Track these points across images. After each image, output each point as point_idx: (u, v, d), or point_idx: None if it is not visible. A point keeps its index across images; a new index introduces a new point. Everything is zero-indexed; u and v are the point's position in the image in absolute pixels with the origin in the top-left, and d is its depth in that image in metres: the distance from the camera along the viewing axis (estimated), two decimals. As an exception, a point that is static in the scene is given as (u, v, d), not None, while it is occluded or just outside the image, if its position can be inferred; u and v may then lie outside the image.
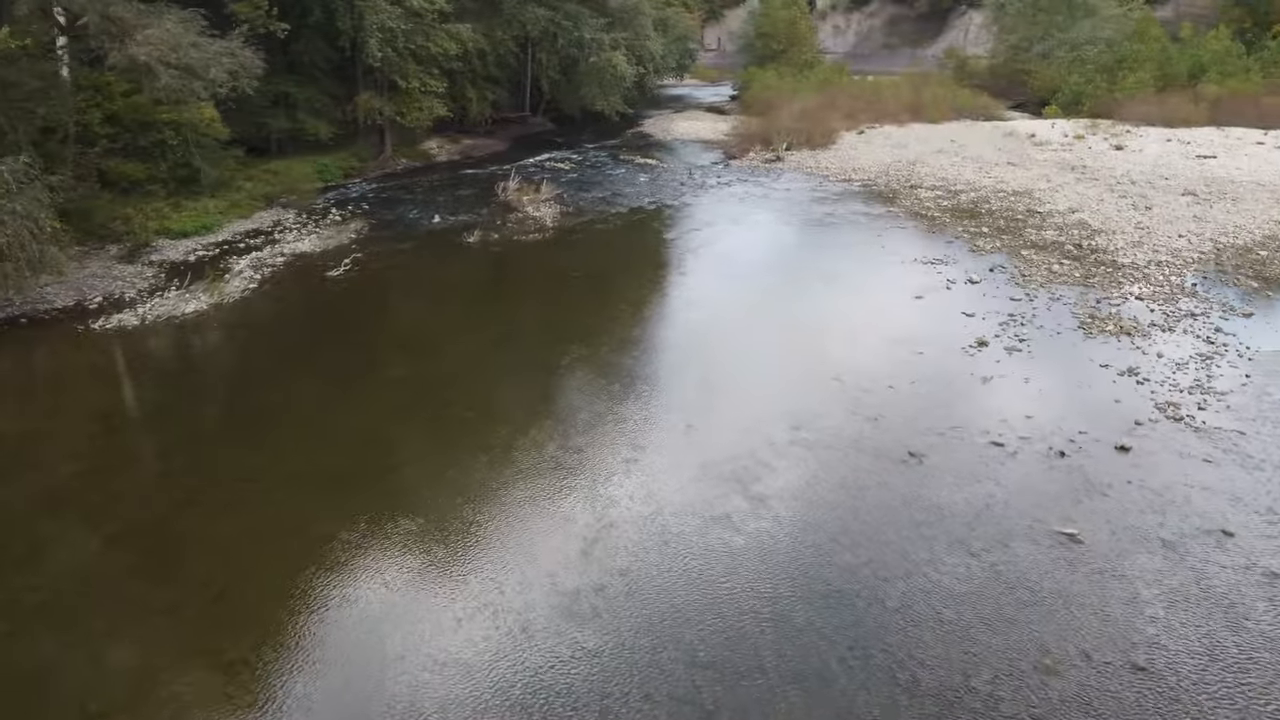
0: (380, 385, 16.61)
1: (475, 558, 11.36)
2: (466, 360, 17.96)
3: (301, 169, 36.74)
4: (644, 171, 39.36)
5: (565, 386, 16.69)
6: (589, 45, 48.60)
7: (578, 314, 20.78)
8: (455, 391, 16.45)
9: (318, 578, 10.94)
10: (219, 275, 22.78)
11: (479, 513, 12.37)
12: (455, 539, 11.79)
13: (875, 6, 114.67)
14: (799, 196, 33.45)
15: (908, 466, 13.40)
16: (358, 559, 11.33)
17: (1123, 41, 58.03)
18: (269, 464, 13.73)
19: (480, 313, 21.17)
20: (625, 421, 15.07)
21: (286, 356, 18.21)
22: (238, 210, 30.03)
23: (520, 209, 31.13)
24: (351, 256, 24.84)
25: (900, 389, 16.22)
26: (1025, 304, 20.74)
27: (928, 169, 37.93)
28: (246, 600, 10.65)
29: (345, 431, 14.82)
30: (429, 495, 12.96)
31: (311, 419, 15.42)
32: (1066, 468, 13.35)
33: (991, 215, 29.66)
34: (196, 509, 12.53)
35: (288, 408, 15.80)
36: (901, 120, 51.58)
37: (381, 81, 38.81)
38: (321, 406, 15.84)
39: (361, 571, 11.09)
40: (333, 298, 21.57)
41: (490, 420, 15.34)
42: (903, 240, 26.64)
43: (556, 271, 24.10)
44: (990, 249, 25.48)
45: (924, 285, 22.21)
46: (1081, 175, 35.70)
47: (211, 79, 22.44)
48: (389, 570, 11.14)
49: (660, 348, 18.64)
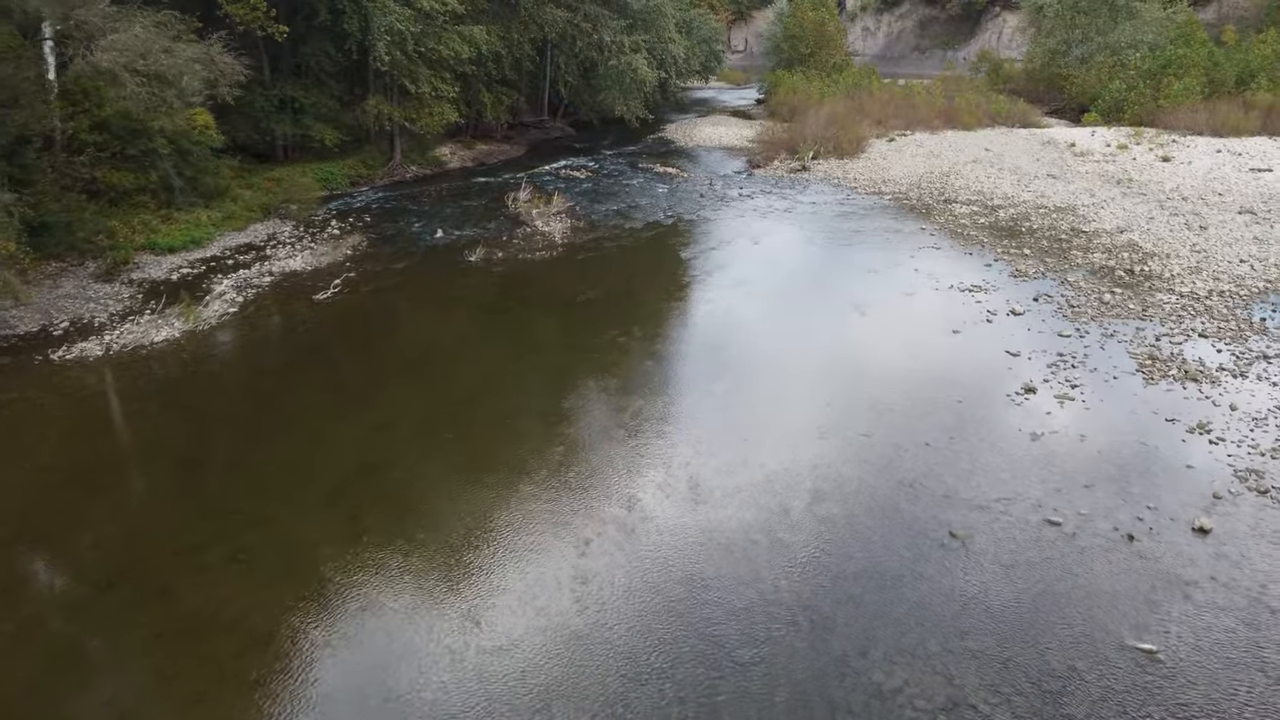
0: (354, 435, 14.90)
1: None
2: (453, 405, 16.22)
3: (306, 177, 35.29)
4: (663, 181, 37.52)
5: (558, 439, 14.88)
6: (609, 48, 46.84)
7: (581, 348, 18.99)
8: (435, 444, 14.71)
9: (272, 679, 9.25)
10: (198, 298, 21.23)
11: (454, 592, 10.64)
12: (427, 617, 10.06)
13: (906, 8, 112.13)
14: (825, 211, 31.47)
15: (948, 551, 11.47)
16: (313, 661, 9.62)
17: (1166, 46, 55.43)
18: (214, 537, 12.02)
19: (474, 345, 19.38)
20: (619, 480, 13.27)
21: (253, 398, 16.54)
22: (232, 222, 28.53)
23: (529, 223, 29.42)
24: (343, 276, 23.22)
25: (938, 446, 14.28)
26: (1075, 341, 18.69)
27: (963, 181, 35.82)
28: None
29: (310, 495, 13.13)
30: (401, 575, 11.23)
31: (271, 479, 13.71)
32: (1136, 556, 11.37)
33: (1033, 234, 27.55)
34: (119, 598, 10.85)
35: (245, 463, 14.11)
36: (934, 127, 49.46)
37: (391, 86, 37.22)
38: (286, 463, 14.14)
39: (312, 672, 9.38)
40: (315, 326, 19.91)
41: (474, 479, 13.59)
42: (938, 262, 24.61)
43: (562, 297, 22.25)
44: (1034, 274, 23.40)
45: (962, 317, 20.21)
46: (1128, 190, 33.45)
47: (184, 88, 20.74)
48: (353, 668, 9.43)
49: (667, 390, 16.77)
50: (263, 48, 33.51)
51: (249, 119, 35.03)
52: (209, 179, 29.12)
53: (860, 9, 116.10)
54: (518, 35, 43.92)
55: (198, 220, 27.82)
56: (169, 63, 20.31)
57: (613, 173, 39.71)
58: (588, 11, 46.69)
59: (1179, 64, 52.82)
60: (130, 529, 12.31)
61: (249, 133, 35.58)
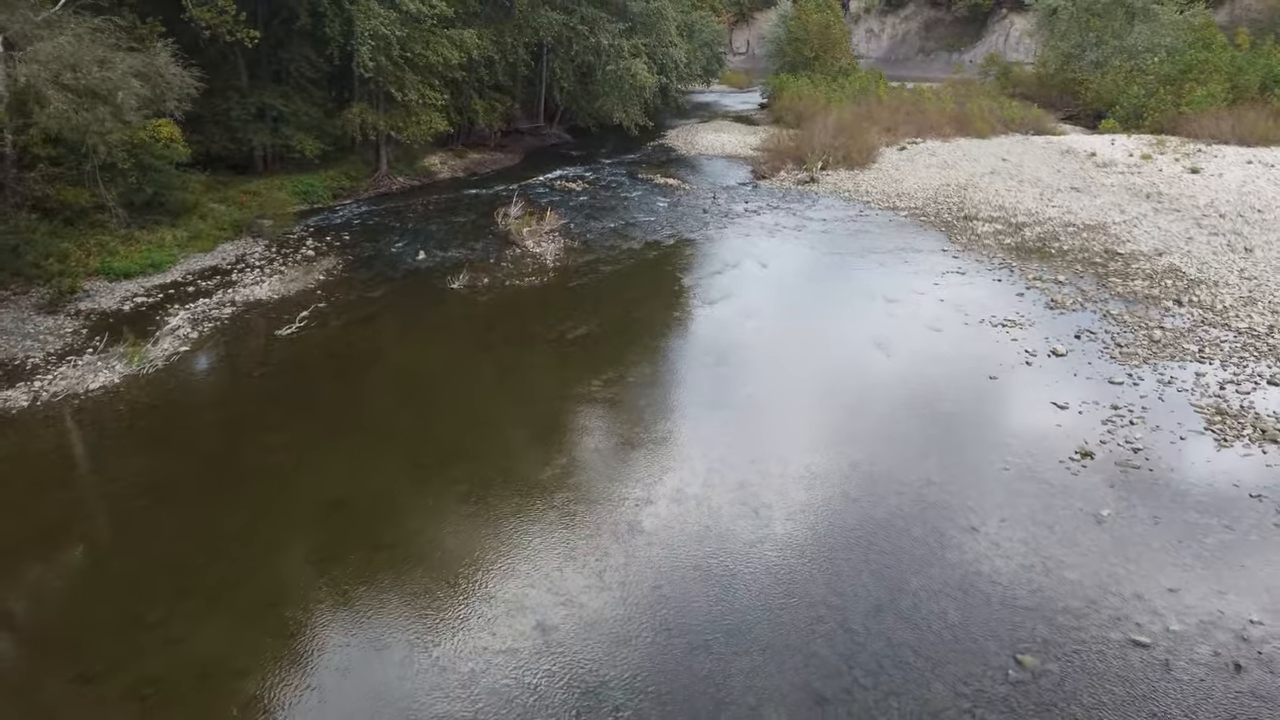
0: (303, 518, 12.76)
1: None
2: (420, 475, 14.03)
3: (284, 190, 33.20)
4: (663, 194, 35.38)
5: (543, 522, 12.76)
6: (607, 52, 44.71)
7: (572, 397, 16.78)
8: (395, 533, 12.48)
9: None
10: (148, 333, 19.10)
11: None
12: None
13: (911, 10, 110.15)
14: (838, 229, 29.34)
15: (1016, 688, 9.34)
16: None
17: (1186, 50, 53.36)
18: (110, 664, 9.89)
19: (449, 395, 16.94)
20: (592, 600, 11.15)
21: (188, 463, 14.26)
22: (199, 243, 26.41)
23: (520, 242, 27.29)
24: (312, 307, 21.07)
25: (988, 532, 12.15)
26: (1129, 389, 16.56)
27: (982, 195, 33.71)
28: None
29: (240, 602, 10.98)
30: (334, 685, 9.14)
31: (196, 576, 11.55)
32: (1251, 695, 9.24)
33: (1064, 256, 25.43)
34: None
35: (163, 556, 11.94)
36: (946, 134, 47.34)
37: (377, 93, 35.09)
38: (217, 551, 11.94)
39: None
40: (273, 370, 17.71)
41: (441, 582, 11.45)
42: (964, 290, 22.49)
43: (552, 332, 19.96)
44: (1071, 305, 21.28)
45: (998, 358, 18.08)
46: (1159, 205, 31.31)
47: (120, 105, 18.56)
48: None
49: (659, 462, 14.51)
50: (239, 53, 31.42)
51: (224, 128, 32.95)
52: (174, 195, 27.06)
53: (864, 10, 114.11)
54: (511, 39, 41.80)
55: (161, 241, 25.74)
56: (102, 76, 18.05)
57: (610, 184, 37.58)
58: (585, 14, 44.54)
59: (1200, 69, 50.76)
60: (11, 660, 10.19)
61: (224, 143, 33.51)
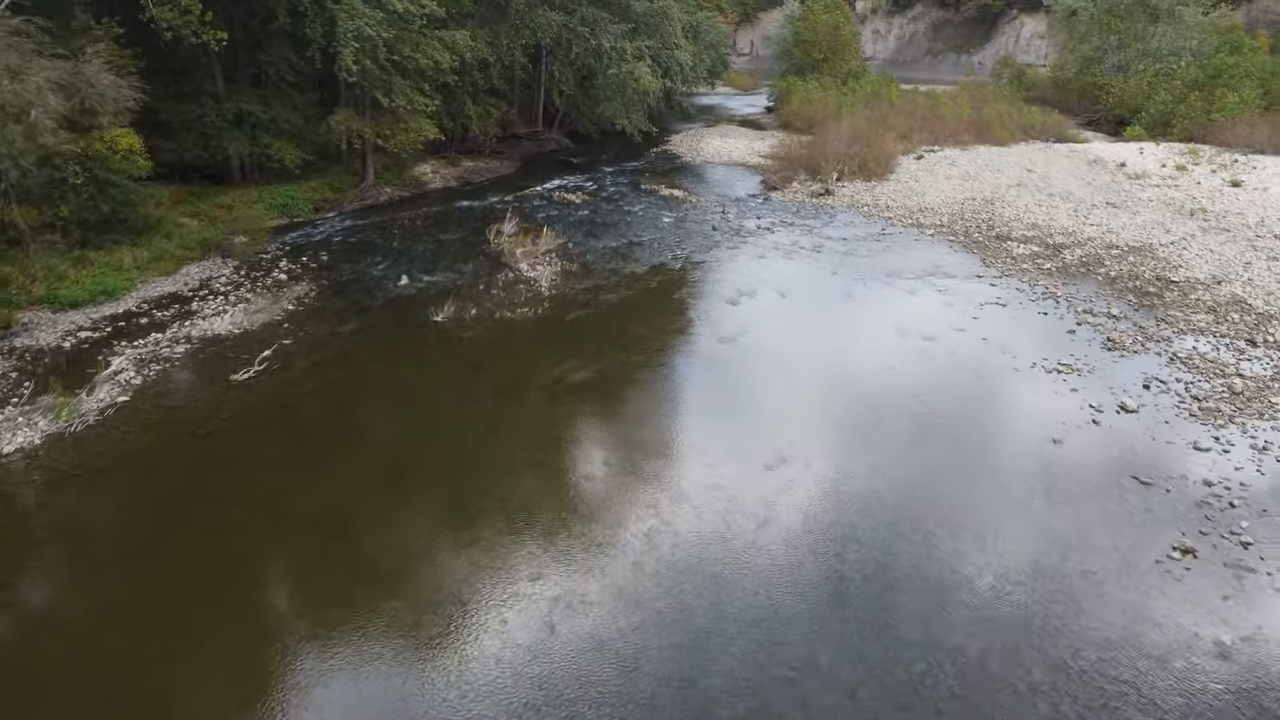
0: (233, 648, 10.35)
1: None
2: (377, 581, 11.60)
3: (262, 203, 30.81)
4: (668, 207, 32.97)
5: (530, 650, 10.37)
6: (609, 55, 42.24)
7: (567, 469, 14.31)
8: (343, 687, 10.13)
9: None
10: (85, 378, 16.71)
11: None
12: None
13: (918, 10, 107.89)
14: (860, 249, 26.93)
15: None
16: None
17: (1213, 54, 51.04)
18: None
19: (422, 464, 14.36)
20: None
21: (104, 554, 11.90)
22: (161, 265, 24.05)
23: (513, 265, 24.89)
24: (276, 345, 18.67)
25: (1082, 670, 9.73)
26: (1220, 459, 14.19)
27: (1011, 210, 31.34)
28: None
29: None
30: None
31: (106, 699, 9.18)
32: None
33: (1111, 284, 23.06)
34: None
35: (56, 690, 9.60)
36: (963, 141, 45.07)
37: (362, 98, 32.66)
38: (127, 673, 9.58)
39: None
40: (221, 428, 15.18)
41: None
42: (1008, 327, 20.11)
43: (545, 378, 17.45)
44: (1131, 345, 18.91)
45: (1059, 415, 15.70)
46: (1205, 223, 28.97)
47: (34, 123, 16.10)
48: None
49: (665, 552, 12.19)
50: (214, 55, 28.99)
51: (198, 136, 30.60)
52: (134, 212, 24.67)
53: (870, 11, 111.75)
54: (508, 41, 39.37)
55: (118, 263, 23.38)
56: (13, 90, 15.59)
57: (612, 195, 35.17)
58: (585, 14, 42.09)
59: (1230, 73, 48.44)
60: None
61: (198, 152, 31.16)
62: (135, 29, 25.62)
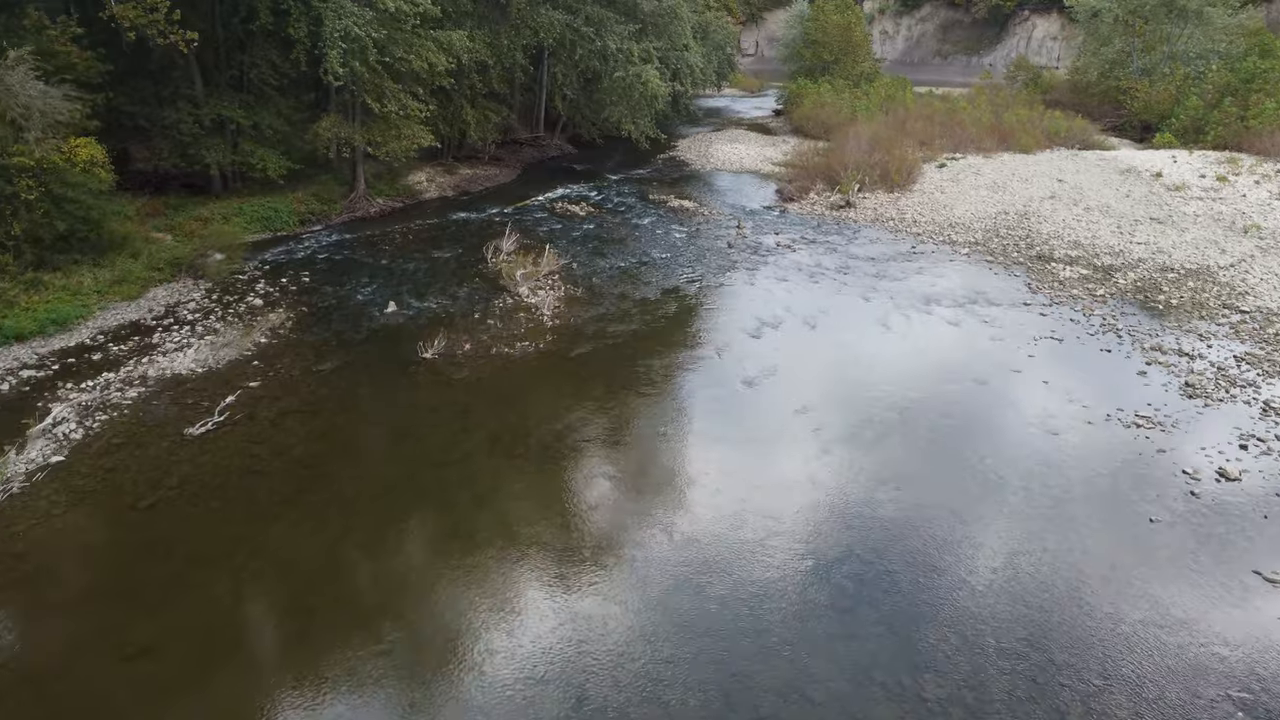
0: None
1: None
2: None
3: (243, 215, 28.56)
4: (680, 221, 30.69)
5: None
6: (614, 57, 39.93)
7: (573, 560, 11.96)
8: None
9: None
10: (21, 429, 14.42)
11: None
12: None
13: (927, 11, 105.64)
14: (890, 270, 24.66)
15: None
16: None
17: (1244, 56, 48.75)
18: None
19: (397, 544, 11.94)
20: None
21: (10, 676, 9.67)
22: (123, 288, 21.81)
23: (512, 288, 22.64)
24: (242, 388, 16.39)
25: None
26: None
27: (1049, 226, 29.09)
28: None
29: None
30: None
31: None
32: None
33: (1174, 313, 20.82)
34: None
35: None
36: (986, 148, 42.72)
37: (352, 103, 30.42)
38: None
39: None
40: (165, 500, 12.75)
41: None
42: (1070, 369, 17.83)
43: (546, 432, 15.04)
44: (1214, 390, 16.65)
45: (1149, 483, 13.43)
46: (1262, 243, 26.69)
47: None
48: None
49: (690, 663, 9.94)
50: (191, 56, 26.75)
51: (175, 143, 28.36)
52: (96, 229, 22.40)
53: (878, 12, 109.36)
54: (508, 41, 37.10)
55: (77, 287, 21.19)
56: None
57: (619, 207, 32.90)
58: (590, 14, 39.79)
59: (1264, 78, 46.14)
60: None
61: (175, 160, 28.96)
62: (101, 29, 23.48)
